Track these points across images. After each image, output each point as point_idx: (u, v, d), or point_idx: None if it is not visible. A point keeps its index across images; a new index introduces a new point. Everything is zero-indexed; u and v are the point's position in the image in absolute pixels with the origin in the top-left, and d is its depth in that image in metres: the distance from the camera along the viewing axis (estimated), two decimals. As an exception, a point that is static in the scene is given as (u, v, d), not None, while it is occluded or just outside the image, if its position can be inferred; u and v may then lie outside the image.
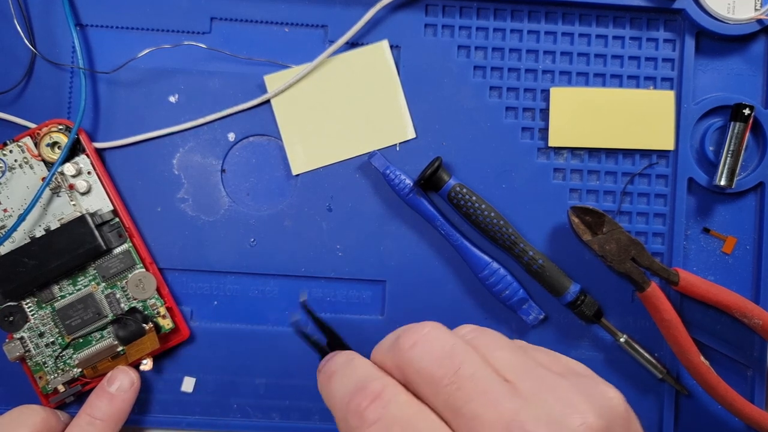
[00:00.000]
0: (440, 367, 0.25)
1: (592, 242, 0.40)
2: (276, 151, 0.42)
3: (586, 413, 0.23)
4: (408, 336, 0.26)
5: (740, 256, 0.43)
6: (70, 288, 0.40)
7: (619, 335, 0.41)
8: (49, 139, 0.39)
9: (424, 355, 0.25)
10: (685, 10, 0.41)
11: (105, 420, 0.38)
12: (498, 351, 0.26)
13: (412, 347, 0.25)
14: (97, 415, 0.38)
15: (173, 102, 0.42)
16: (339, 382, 0.27)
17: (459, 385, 0.24)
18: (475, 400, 0.23)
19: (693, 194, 0.43)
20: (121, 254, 0.40)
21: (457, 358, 0.25)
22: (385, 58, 0.42)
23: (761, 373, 0.42)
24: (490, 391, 0.24)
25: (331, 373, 0.27)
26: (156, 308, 0.40)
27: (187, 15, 0.42)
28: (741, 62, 0.43)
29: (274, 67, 0.42)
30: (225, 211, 0.42)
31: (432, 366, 0.25)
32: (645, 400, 0.42)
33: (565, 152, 0.42)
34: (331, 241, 0.42)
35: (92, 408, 0.38)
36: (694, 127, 0.42)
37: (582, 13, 0.42)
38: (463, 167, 0.42)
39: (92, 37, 0.41)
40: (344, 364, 0.27)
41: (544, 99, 0.42)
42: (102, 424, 0.38)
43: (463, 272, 0.42)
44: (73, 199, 0.40)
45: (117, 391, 0.39)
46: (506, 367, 0.25)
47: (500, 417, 0.23)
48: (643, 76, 0.42)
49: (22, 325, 0.40)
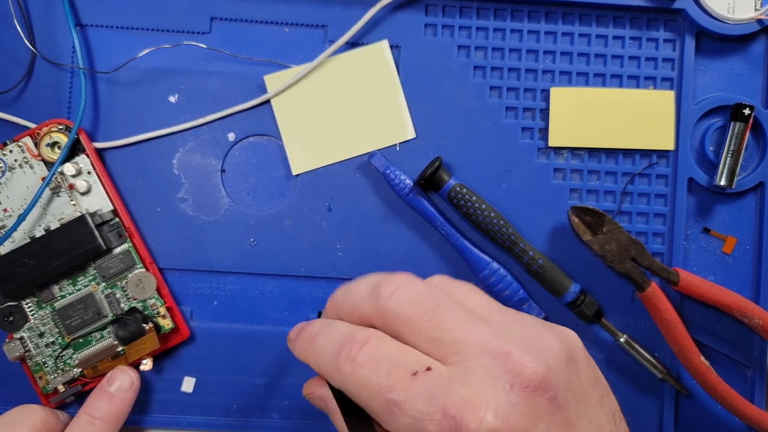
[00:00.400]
0: (421, 308, 0.28)
1: (592, 242, 0.40)
2: (276, 151, 0.42)
3: (551, 339, 0.28)
4: (387, 285, 0.29)
5: (740, 256, 0.43)
6: (70, 288, 0.40)
7: (619, 335, 0.41)
8: (49, 139, 0.39)
9: (404, 300, 0.28)
10: (685, 10, 0.41)
11: (105, 420, 0.38)
12: (468, 295, 0.30)
13: (392, 294, 0.29)
14: (97, 414, 0.38)
15: (173, 102, 0.42)
16: (324, 339, 0.30)
17: (439, 319, 0.28)
18: (456, 328, 0.28)
19: (693, 194, 0.43)
20: (121, 254, 0.40)
21: (434, 299, 0.29)
22: (385, 58, 0.42)
23: (761, 373, 0.42)
24: (468, 320, 0.28)
25: (314, 335, 0.30)
26: (156, 308, 0.40)
27: (187, 15, 0.42)
28: (741, 62, 0.43)
29: (274, 67, 0.42)
30: (225, 211, 0.42)
31: (413, 308, 0.28)
32: (645, 400, 0.42)
33: (565, 152, 0.42)
34: (331, 241, 0.42)
35: (92, 408, 0.38)
36: (694, 127, 0.42)
37: (582, 13, 0.42)
38: (463, 167, 0.42)
39: (92, 37, 0.41)
40: (325, 325, 0.30)
41: (544, 99, 0.42)
42: (102, 424, 0.38)
43: (463, 272, 0.42)
44: (73, 199, 0.40)
45: (117, 391, 0.39)
46: (477, 307, 0.29)
47: (479, 338, 0.27)
48: (643, 76, 0.42)
49: (22, 325, 0.40)
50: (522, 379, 0.26)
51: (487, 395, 0.26)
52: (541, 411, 0.26)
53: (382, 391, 0.27)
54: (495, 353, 0.27)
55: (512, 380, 0.26)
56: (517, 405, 0.26)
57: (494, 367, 0.27)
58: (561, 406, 0.27)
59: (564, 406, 0.27)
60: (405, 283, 0.29)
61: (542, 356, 0.27)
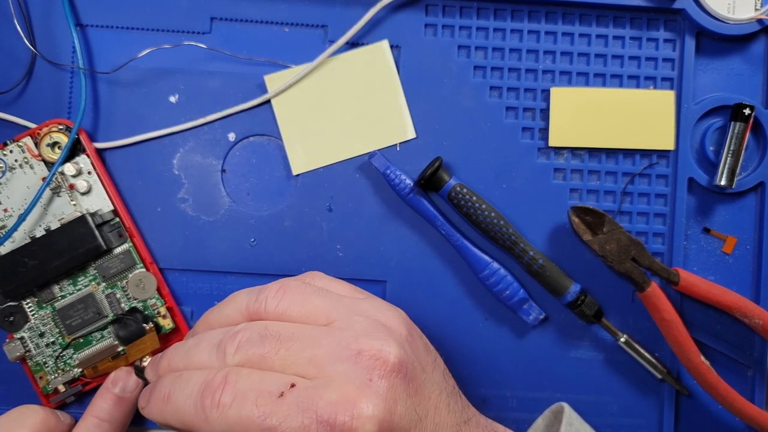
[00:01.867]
0: (265, 346, 0.30)
1: (593, 242, 0.40)
2: (276, 151, 0.42)
3: (393, 318, 0.32)
4: (230, 342, 0.31)
5: (740, 256, 0.43)
6: (70, 288, 0.40)
7: (620, 335, 0.41)
8: (49, 139, 0.39)
9: (248, 348, 0.31)
10: (685, 10, 0.41)
11: (111, 422, 0.38)
12: (308, 302, 0.32)
13: (235, 352, 0.31)
14: (104, 416, 0.38)
15: (173, 102, 0.42)
16: (181, 394, 0.31)
17: (287, 347, 0.30)
18: (305, 348, 0.30)
19: (693, 194, 0.43)
20: (122, 254, 0.40)
21: (274, 330, 0.31)
22: (385, 58, 0.42)
23: (761, 373, 0.42)
24: (313, 337, 0.31)
25: (166, 394, 0.31)
26: (156, 308, 0.40)
27: (187, 15, 0.42)
28: (741, 62, 0.43)
29: (274, 67, 0.42)
30: (225, 211, 0.42)
31: (258, 349, 0.31)
32: (645, 400, 0.42)
33: (566, 152, 0.42)
34: (331, 241, 0.42)
35: (98, 410, 0.38)
36: (695, 127, 0.42)
37: (582, 13, 0.42)
38: (463, 167, 0.42)
39: (92, 37, 0.41)
40: (174, 380, 0.32)
41: (545, 99, 0.42)
42: (109, 425, 0.38)
43: (463, 272, 0.42)
44: (73, 199, 0.40)
45: (121, 392, 0.39)
46: (321, 314, 0.32)
47: (329, 350, 0.30)
48: (643, 76, 0.42)
49: (22, 325, 0.40)
50: (379, 370, 0.30)
51: (352, 393, 0.29)
52: (401, 389, 0.30)
53: (257, 422, 0.28)
54: (346, 357, 0.30)
55: (370, 374, 0.29)
56: (380, 392, 0.29)
57: (351, 370, 0.29)
58: (413, 378, 0.31)
59: (414, 377, 0.31)
60: (243, 334, 0.31)
61: (390, 339, 0.31)
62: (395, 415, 0.29)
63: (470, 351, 0.42)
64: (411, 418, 0.30)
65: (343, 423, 0.28)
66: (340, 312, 0.32)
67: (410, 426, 0.30)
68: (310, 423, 0.28)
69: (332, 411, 0.28)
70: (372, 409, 0.28)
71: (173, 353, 0.34)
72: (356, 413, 0.28)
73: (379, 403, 0.29)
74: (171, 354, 0.34)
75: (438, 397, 0.32)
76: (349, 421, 0.28)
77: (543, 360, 0.42)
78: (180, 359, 0.33)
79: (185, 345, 0.33)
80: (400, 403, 0.30)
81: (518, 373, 0.42)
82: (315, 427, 0.28)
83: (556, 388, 0.42)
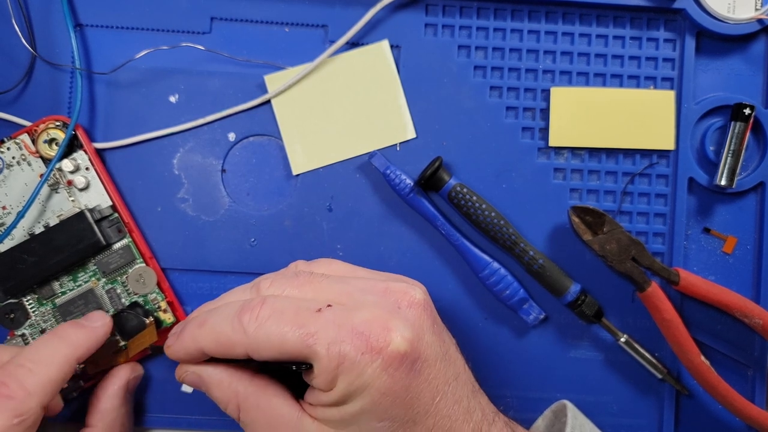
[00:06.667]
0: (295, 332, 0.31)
1: (593, 242, 0.40)
2: (276, 151, 0.42)
3: (411, 292, 0.33)
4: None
5: (741, 256, 0.42)
6: (70, 284, 0.40)
7: (620, 335, 0.41)
8: (46, 135, 0.39)
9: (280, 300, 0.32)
10: (685, 9, 0.41)
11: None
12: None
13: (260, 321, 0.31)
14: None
15: (173, 102, 0.42)
16: (217, 317, 0.32)
17: (318, 281, 0.33)
18: (335, 282, 0.33)
19: (693, 194, 0.43)
20: (121, 249, 0.40)
21: (307, 275, 0.34)
22: (385, 58, 0.42)
23: (762, 373, 0.42)
24: (344, 278, 0.33)
25: (202, 321, 0.32)
26: (157, 303, 0.40)
27: (187, 15, 0.42)
28: (741, 62, 0.43)
29: (274, 68, 0.42)
30: (225, 211, 0.42)
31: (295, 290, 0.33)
32: (645, 400, 0.42)
33: (566, 152, 0.42)
34: (331, 241, 0.42)
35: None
36: (695, 127, 0.42)
37: (582, 13, 0.42)
38: (463, 167, 0.42)
39: (92, 37, 0.42)
40: (212, 308, 0.33)
41: (545, 99, 0.42)
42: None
43: (464, 272, 0.42)
44: (71, 195, 0.40)
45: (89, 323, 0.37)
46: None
47: (359, 284, 0.33)
48: (643, 76, 0.42)
49: (23, 322, 0.40)
50: (407, 301, 0.32)
51: (384, 315, 0.31)
52: (428, 323, 0.32)
53: (294, 329, 0.30)
54: (375, 291, 0.32)
55: (399, 303, 0.32)
56: (408, 318, 0.31)
57: (380, 300, 0.32)
58: (436, 321, 0.33)
59: (438, 323, 0.33)
60: (276, 274, 0.35)
61: (414, 285, 0.33)
62: (423, 342, 0.31)
63: (470, 351, 0.42)
64: (436, 352, 0.32)
65: (378, 335, 0.30)
66: (364, 270, 0.36)
67: (435, 359, 0.31)
68: (346, 334, 0.30)
69: (367, 326, 0.30)
70: (403, 329, 0.30)
71: (204, 305, 0.36)
72: (390, 327, 0.30)
73: (409, 326, 0.31)
74: (202, 307, 0.36)
75: (456, 353, 0.34)
76: (383, 334, 0.30)
77: (543, 360, 0.42)
78: (213, 304, 0.35)
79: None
80: (427, 333, 0.31)
81: (518, 373, 0.42)
82: (350, 339, 0.30)
83: (556, 388, 0.42)
